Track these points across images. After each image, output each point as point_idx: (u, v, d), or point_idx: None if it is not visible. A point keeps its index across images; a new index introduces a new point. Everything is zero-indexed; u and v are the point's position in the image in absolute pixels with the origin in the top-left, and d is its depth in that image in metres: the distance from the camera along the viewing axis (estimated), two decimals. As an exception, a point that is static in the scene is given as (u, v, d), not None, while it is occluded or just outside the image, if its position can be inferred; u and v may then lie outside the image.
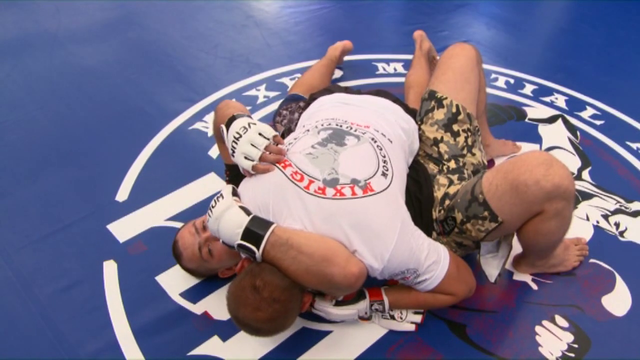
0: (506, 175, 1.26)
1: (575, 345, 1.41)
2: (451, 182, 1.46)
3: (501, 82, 2.48)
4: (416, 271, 1.26)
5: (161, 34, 2.83)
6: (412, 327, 1.42)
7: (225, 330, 1.42)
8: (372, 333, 1.43)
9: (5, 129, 2.15)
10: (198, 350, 1.39)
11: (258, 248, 1.16)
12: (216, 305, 1.49)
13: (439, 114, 1.56)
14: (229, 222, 1.18)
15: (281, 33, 2.85)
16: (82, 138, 2.12)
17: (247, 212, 1.20)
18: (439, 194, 1.44)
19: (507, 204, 1.27)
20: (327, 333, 1.43)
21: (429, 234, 1.39)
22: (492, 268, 1.43)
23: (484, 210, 1.30)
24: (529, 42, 2.89)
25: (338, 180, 1.22)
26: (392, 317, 1.42)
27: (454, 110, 1.55)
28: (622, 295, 1.54)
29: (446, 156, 1.53)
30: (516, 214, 1.29)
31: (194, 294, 1.52)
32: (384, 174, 1.27)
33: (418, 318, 1.42)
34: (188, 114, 2.22)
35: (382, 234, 1.20)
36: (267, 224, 1.18)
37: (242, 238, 1.17)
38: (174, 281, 1.55)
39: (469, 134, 1.55)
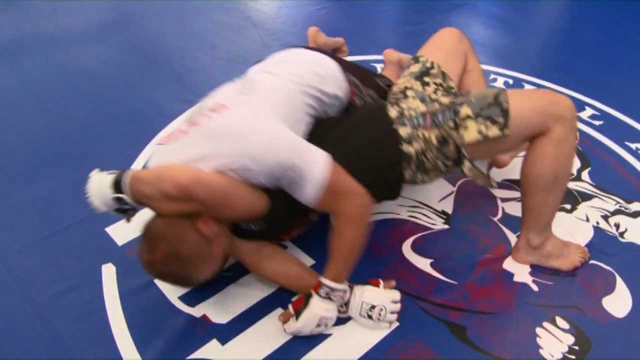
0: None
1: (576, 347, 1.40)
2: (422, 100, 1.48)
3: (500, 82, 2.47)
4: (300, 170, 1.25)
5: (158, 35, 2.82)
6: (386, 326, 1.43)
7: (224, 334, 1.42)
8: (372, 335, 1.42)
9: (2, 131, 2.14)
10: (197, 354, 1.38)
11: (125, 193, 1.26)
12: (215, 308, 1.48)
13: (414, 68, 1.63)
14: (98, 187, 1.28)
15: (279, 34, 2.84)
16: (80, 140, 2.11)
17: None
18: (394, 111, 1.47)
19: (525, 119, 1.37)
20: (326, 336, 1.42)
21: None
22: (481, 166, 1.48)
23: (501, 116, 1.36)
24: (527, 42, 2.89)
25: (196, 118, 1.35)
26: (370, 317, 1.42)
27: (428, 65, 1.61)
28: (623, 296, 1.53)
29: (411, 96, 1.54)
30: (523, 127, 1.38)
31: (192, 298, 1.51)
32: (243, 94, 1.38)
33: (393, 317, 1.43)
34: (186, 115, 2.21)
35: (240, 135, 1.27)
36: (124, 171, 1.28)
37: (114, 192, 1.27)
38: (173, 284, 1.55)
39: (441, 88, 1.57)
